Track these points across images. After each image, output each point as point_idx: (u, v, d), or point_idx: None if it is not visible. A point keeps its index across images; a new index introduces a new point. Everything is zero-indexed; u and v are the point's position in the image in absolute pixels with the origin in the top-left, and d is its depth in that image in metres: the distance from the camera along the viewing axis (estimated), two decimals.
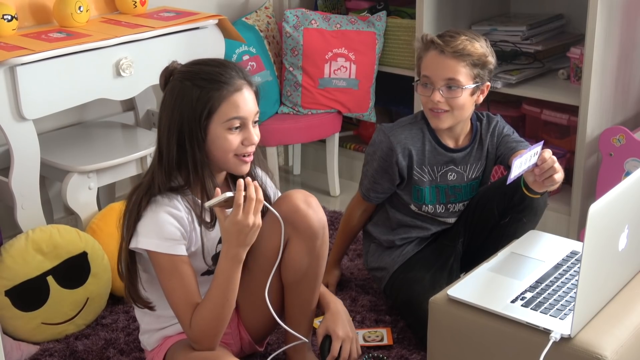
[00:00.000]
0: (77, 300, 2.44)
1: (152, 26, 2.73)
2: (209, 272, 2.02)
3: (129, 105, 3.17)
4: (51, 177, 2.78)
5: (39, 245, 2.37)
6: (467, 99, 2.31)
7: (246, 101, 1.89)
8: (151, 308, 2.01)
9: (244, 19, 3.37)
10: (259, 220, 1.81)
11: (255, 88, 1.95)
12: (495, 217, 2.38)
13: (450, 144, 2.41)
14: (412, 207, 2.44)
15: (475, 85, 2.31)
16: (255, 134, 1.92)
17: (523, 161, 2.05)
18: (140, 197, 1.90)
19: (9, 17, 2.58)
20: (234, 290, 1.87)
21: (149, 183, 1.92)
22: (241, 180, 1.78)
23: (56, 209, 3.00)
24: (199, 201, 1.93)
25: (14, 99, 2.38)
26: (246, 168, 1.94)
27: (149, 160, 2.75)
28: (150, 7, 3.00)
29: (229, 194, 1.77)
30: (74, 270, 2.43)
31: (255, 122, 1.93)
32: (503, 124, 2.46)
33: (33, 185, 2.51)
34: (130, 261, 1.96)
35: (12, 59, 2.35)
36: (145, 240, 1.87)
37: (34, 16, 2.78)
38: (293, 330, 2.07)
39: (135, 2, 2.90)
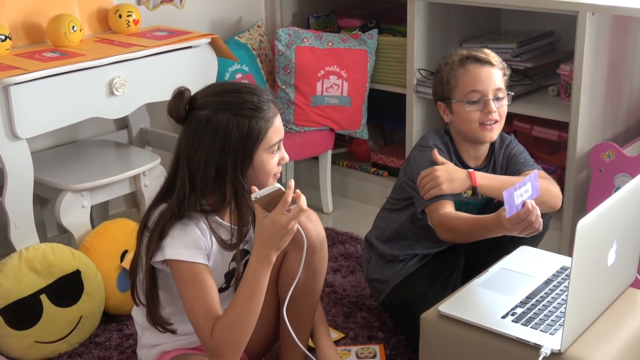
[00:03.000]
0: (70, 318, 2.44)
1: (145, 45, 2.75)
2: (221, 290, 2.02)
3: (123, 123, 3.18)
4: (45, 196, 2.79)
5: (32, 263, 2.38)
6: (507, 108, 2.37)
7: (281, 124, 1.96)
8: (173, 331, 2.00)
9: (236, 37, 3.40)
10: (296, 227, 1.84)
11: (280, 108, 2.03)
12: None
13: (472, 163, 2.41)
14: (428, 219, 2.39)
15: (508, 92, 2.36)
16: (286, 153, 1.99)
17: (518, 195, 1.95)
18: (166, 218, 1.90)
19: (3, 37, 2.60)
20: (260, 295, 1.85)
21: (174, 207, 1.91)
22: (292, 180, 1.84)
23: (50, 228, 3.00)
24: (225, 222, 1.96)
25: (8, 118, 2.39)
26: None
27: (143, 179, 2.76)
28: (144, 27, 3.02)
29: (278, 185, 1.82)
30: (67, 289, 2.44)
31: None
32: (515, 143, 2.47)
33: (26, 204, 2.51)
34: (151, 283, 1.95)
35: (5, 79, 2.36)
36: (170, 250, 1.87)
37: (28, 36, 2.80)
38: (289, 349, 2.08)
39: (129, 22, 2.92)
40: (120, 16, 2.92)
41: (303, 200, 1.83)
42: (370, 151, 3.64)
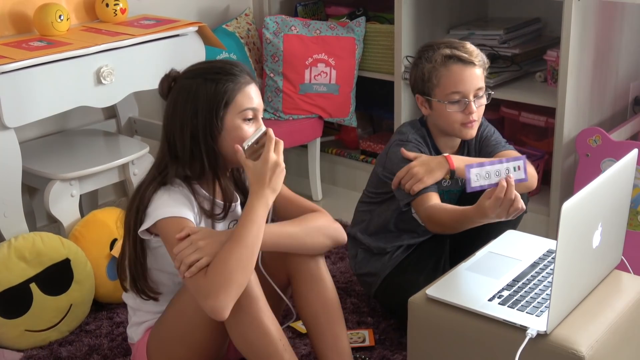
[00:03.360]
0: (60, 307, 2.45)
1: (133, 34, 2.75)
2: None
3: (111, 112, 3.18)
4: (34, 185, 2.79)
5: (21, 252, 2.38)
6: None
7: (256, 94, 1.98)
8: (156, 299, 2.03)
9: (224, 26, 3.40)
10: (283, 163, 1.90)
11: (259, 84, 2.01)
12: None
13: (447, 152, 2.42)
14: (412, 210, 2.41)
15: (487, 91, 2.36)
16: (263, 125, 1.99)
17: (490, 171, 1.98)
18: (149, 187, 1.93)
19: None
20: (258, 232, 1.85)
21: (155, 175, 1.95)
22: (270, 130, 1.89)
23: (39, 217, 3.00)
24: (207, 194, 1.98)
25: None
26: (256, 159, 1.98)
27: (132, 168, 2.77)
28: (131, 15, 3.02)
29: (264, 128, 1.91)
30: (57, 277, 2.44)
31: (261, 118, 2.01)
32: (486, 124, 2.48)
33: (15, 194, 2.52)
34: (141, 252, 1.97)
35: None
36: (156, 213, 1.89)
37: (15, 25, 2.79)
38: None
39: (116, 11, 2.92)
40: (107, 5, 2.92)
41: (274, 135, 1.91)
42: (359, 139, 3.65)
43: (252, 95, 1.96)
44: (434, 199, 2.28)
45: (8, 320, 2.37)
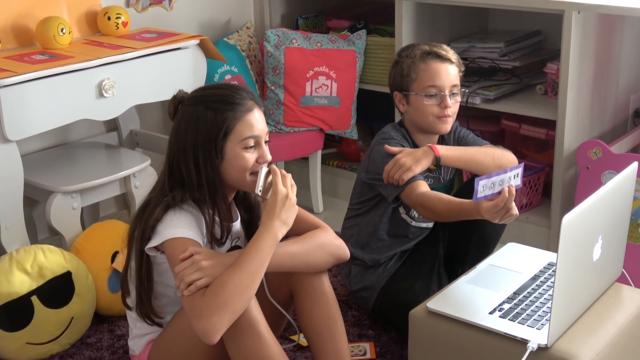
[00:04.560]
0: (61, 320, 2.45)
1: (134, 47, 2.76)
2: None
3: (112, 125, 3.19)
4: (35, 198, 2.80)
5: (23, 265, 2.38)
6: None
7: (258, 120, 1.96)
8: (160, 325, 2.02)
9: (225, 39, 3.41)
10: (295, 198, 1.90)
11: (263, 108, 2.03)
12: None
13: None
14: (401, 211, 2.48)
15: (462, 89, 2.45)
16: (267, 152, 1.98)
17: (495, 181, 2.00)
18: (157, 207, 1.92)
19: None
20: (261, 265, 1.84)
21: (162, 196, 1.94)
22: (273, 165, 1.92)
23: (40, 230, 3.01)
24: (216, 218, 1.97)
25: None
26: None
27: (133, 180, 2.77)
28: (132, 29, 3.03)
29: (265, 168, 1.92)
30: (58, 290, 2.44)
31: (266, 142, 1.99)
32: (461, 128, 2.57)
33: (17, 206, 2.52)
34: (147, 274, 1.97)
35: None
36: (164, 232, 1.88)
37: (17, 39, 2.80)
38: None
39: (118, 24, 2.93)
40: (109, 18, 2.93)
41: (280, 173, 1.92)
42: (360, 151, 3.66)
43: (253, 123, 1.94)
44: (424, 186, 2.33)
45: (9, 333, 2.36)
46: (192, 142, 1.92)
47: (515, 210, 2.01)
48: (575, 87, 2.83)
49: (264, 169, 1.91)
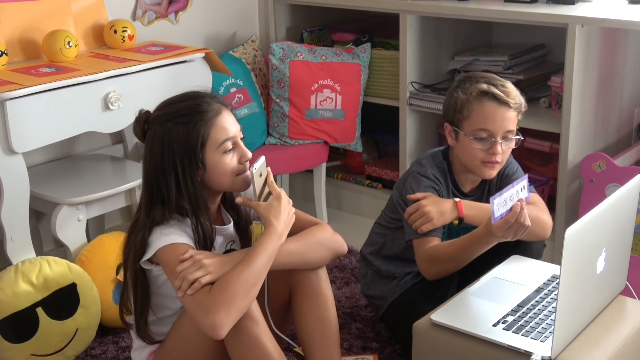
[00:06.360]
0: (66, 331, 2.46)
1: (140, 60, 2.78)
2: None
3: (118, 138, 3.21)
4: (41, 210, 2.81)
5: (28, 277, 2.39)
6: None
7: (229, 121, 1.97)
8: (159, 341, 2.03)
9: (231, 52, 3.43)
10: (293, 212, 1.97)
11: (230, 107, 2.03)
12: (490, 255, 2.29)
13: (467, 187, 2.40)
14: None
15: (517, 136, 2.31)
16: (246, 149, 1.99)
17: (507, 198, 2.00)
18: (143, 228, 1.92)
19: None
20: (266, 264, 1.87)
21: (146, 218, 1.94)
22: (268, 168, 1.95)
23: (46, 241, 3.02)
24: (207, 223, 1.98)
25: (4, 132, 2.42)
26: (249, 184, 2.00)
27: (138, 192, 2.78)
28: (139, 42, 3.05)
29: (263, 158, 1.95)
30: (63, 302, 2.45)
31: (241, 139, 2.00)
32: (510, 160, 2.41)
33: (22, 218, 2.53)
34: (142, 292, 1.97)
35: (1, 94, 2.39)
36: (155, 242, 1.89)
37: (24, 51, 2.82)
38: None
39: (124, 37, 2.95)
40: (115, 32, 2.95)
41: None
42: (365, 164, 3.67)
43: (225, 126, 1.95)
44: (436, 241, 2.27)
45: (14, 345, 2.37)
46: (170, 161, 1.91)
47: (527, 221, 1.99)
48: (579, 100, 2.84)
49: (255, 175, 1.91)
